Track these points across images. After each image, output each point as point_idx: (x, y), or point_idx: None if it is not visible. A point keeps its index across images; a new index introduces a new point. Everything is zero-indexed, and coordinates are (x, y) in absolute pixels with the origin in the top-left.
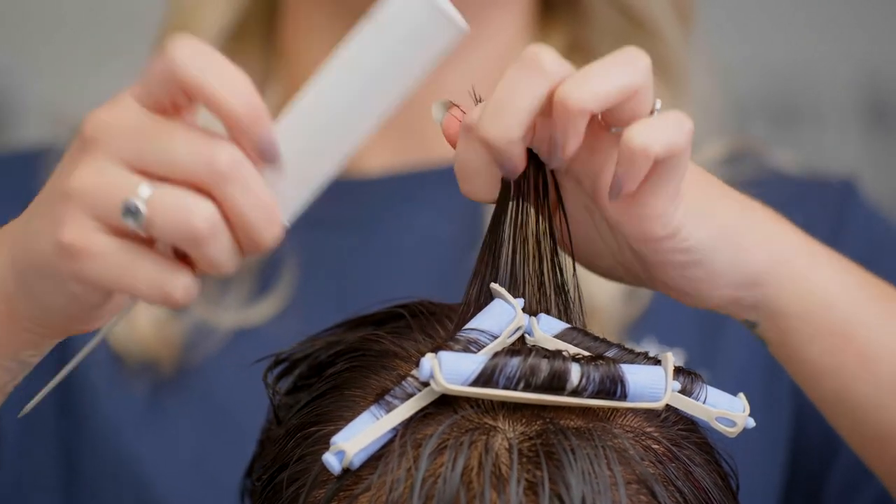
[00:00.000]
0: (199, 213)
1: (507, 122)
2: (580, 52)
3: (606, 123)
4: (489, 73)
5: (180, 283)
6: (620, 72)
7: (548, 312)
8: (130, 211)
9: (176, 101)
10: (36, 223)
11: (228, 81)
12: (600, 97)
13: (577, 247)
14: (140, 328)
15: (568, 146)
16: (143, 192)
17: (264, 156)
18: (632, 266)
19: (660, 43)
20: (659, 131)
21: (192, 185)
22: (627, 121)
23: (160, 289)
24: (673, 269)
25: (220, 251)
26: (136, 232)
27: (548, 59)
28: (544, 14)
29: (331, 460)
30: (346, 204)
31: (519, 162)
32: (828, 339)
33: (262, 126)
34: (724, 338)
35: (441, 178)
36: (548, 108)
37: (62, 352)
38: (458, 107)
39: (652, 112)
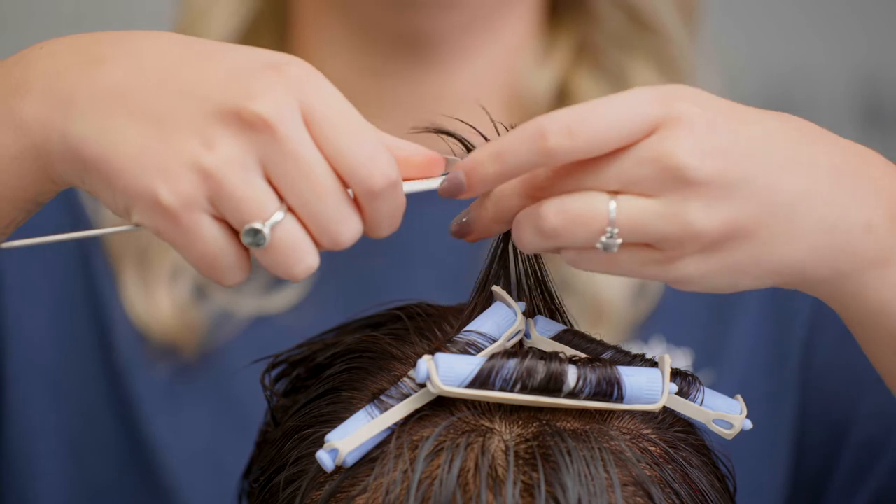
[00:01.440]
0: (305, 263)
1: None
2: (588, 54)
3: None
4: (497, 75)
5: (238, 277)
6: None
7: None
8: (254, 232)
9: None
10: (137, 136)
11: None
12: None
13: None
14: (162, 312)
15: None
16: (275, 219)
17: None
18: None
19: (666, 44)
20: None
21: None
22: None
23: (219, 272)
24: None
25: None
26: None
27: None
28: (552, 16)
29: (324, 458)
30: None
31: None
32: (889, 343)
33: None
34: (730, 338)
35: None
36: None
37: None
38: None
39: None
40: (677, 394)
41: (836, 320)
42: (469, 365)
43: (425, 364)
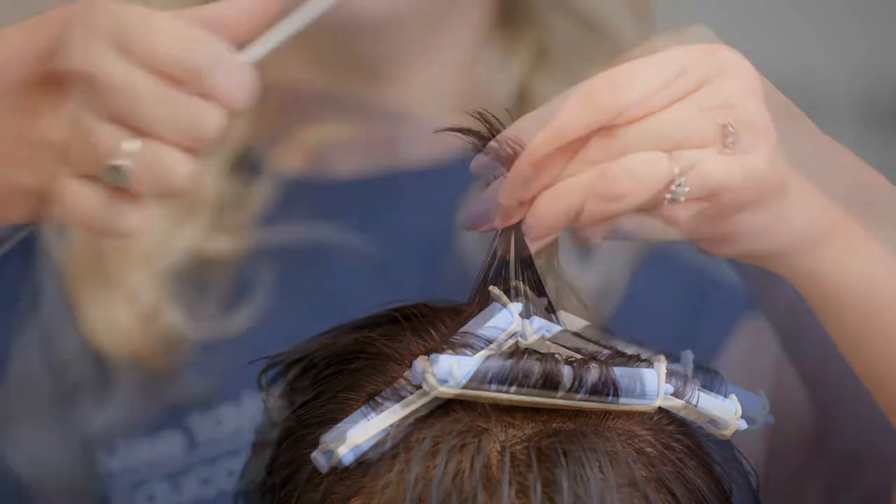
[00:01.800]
0: (180, 172)
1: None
2: (546, 61)
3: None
4: (454, 83)
5: (134, 220)
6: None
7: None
8: (111, 170)
9: None
10: None
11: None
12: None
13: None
14: (121, 332)
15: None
16: (131, 149)
17: None
18: None
19: (619, 47)
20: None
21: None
22: None
23: (107, 223)
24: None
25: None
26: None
27: None
28: (506, 23)
29: (319, 459)
30: (320, 206)
31: None
32: (853, 321)
33: None
34: (700, 341)
35: (413, 181)
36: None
37: None
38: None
39: None
40: (673, 394)
41: (816, 324)
42: (465, 366)
43: (421, 365)
